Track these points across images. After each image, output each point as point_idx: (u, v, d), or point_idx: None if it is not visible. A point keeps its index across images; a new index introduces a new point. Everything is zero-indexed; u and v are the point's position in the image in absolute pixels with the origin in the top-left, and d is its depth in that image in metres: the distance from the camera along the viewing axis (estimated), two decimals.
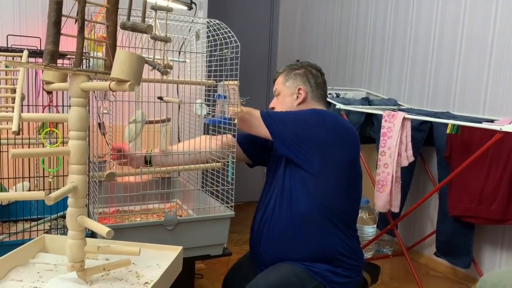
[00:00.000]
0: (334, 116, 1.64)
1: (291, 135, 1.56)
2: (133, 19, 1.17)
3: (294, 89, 1.73)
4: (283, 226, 1.60)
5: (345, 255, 1.57)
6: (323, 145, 1.54)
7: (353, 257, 1.59)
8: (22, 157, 1.67)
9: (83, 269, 1.04)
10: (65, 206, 1.03)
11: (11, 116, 1.11)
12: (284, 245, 1.59)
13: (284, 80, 1.76)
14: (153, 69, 1.27)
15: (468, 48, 2.66)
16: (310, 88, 1.73)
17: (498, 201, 2.28)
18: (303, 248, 1.57)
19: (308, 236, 1.57)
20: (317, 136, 1.54)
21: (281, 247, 1.60)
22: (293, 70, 1.76)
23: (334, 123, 1.58)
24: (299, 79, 1.73)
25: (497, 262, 2.54)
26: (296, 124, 1.57)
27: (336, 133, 1.57)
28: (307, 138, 1.55)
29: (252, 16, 4.14)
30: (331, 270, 1.54)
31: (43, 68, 0.95)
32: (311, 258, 1.55)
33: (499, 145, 2.18)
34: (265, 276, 1.51)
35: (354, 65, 3.59)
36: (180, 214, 1.94)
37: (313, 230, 1.56)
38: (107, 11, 1.05)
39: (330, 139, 1.55)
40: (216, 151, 1.81)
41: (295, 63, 1.80)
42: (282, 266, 1.55)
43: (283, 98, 1.76)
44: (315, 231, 1.56)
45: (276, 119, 1.60)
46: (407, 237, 3.03)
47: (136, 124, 1.68)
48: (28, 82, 1.79)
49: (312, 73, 1.75)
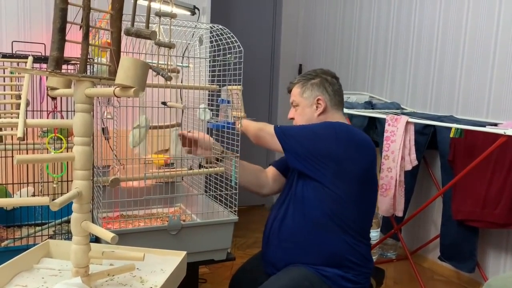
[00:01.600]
0: (347, 129, 1.63)
1: (304, 150, 1.58)
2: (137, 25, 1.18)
3: (312, 99, 1.72)
4: (294, 230, 1.62)
5: (355, 262, 1.58)
6: (335, 158, 1.55)
7: (363, 264, 1.60)
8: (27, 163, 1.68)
9: (88, 275, 1.05)
10: (69, 211, 1.04)
11: (16, 122, 1.11)
12: (295, 249, 1.61)
13: (301, 92, 1.74)
14: (157, 75, 1.27)
15: (471, 52, 2.66)
16: (328, 97, 1.72)
17: (502, 205, 2.27)
18: (313, 252, 1.58)
19: (319, 241, 1.58)
20: (330, 150, 1.56)
21: (292, 250, 1.61)
22: (309, 80, 1.74)
23: (346, 136, 1.59)
24: (317, 89, 1.72)
25: (501, 266, 2.53)
26: (308, 139, 1.59)
27: (348, 146, 1.57)
28: (319, 153, 1.56)
29: (254, 21, 4.16)
30: (342, 275, 1.55)
31: (48, 74, 0.95)
32: (322, 263, 1.56)
33: (502, 148, 2.17)
34: (278, 279, 1.52)
35: (357, 68, 3.59)
36: (183, 219, 1.94)
37: (324, 235, 1.58)
38: (111, 17, 1.05)
39: (342, 152, 1.55)
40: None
41: (309, 72, 1.77)
42: (293, 269, 1.55)
43: (303, 109, 1.74)
44: (326, 237, 1.57)
45: (289, 135, 1.62)
46: (411, 241, 3.02)
47: (140, 129, 1.68)
48: (32, 88, 1.80)
49: (328, 80, 1.73)
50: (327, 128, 1.61)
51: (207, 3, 2.77)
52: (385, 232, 2.85)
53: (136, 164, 1.76)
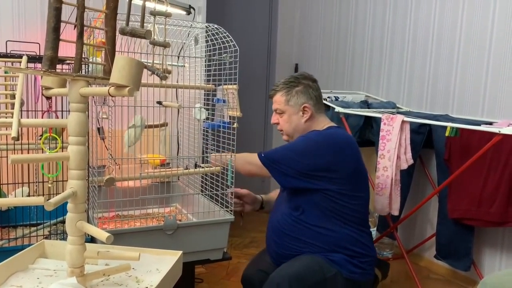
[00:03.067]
0: (325, 136, 1.70)
1: (294, 172, 1.65)
2: (132, 24, 1.18)
3: (299, 107, 1.75)
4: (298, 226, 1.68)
5: (359, 251, 1.67)
6: (325, 167, 1.63)
7: (366, 252, 1.69)
8: (22, 163, 1.67)
9: (83, 275, 1.04)
10: (65, 212, 1.03)
11: (11, 121, 1.11)
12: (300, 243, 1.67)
13: (286, 99, 1.76)
14: (152, 74, 1.27)
15: (467, 51, 2.67)
16: (313, 102, 1.76)
17: (498, 203, 2.28)
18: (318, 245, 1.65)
19: (323, 234, 1.65)
20: (317, 162, 1.63)
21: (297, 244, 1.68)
22: (293, 88, 1.76)
23: (328, 143, 1.67)
24: (302, 96, 1.75)
25: (497, 264, 2.54)
26: (295, 160, 1.65)
27: (333, 152, 1.65)
28: (309, 168, 1.64)
29: (250, 20, 4.15)
30: (348, 260, 1.64)
31: (43, 74, 0.95)
32: (328, 251, 1.64)
33: (498, 147, 2.18)
34: (289, 265, 1.60)
35: (352, 68, 3.60)
36: (179, 219, 1.94)
37: (327, 229, 1.66)
38: (106, 16, 1.05)
39: (329, 159, 1.64)
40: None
41: (290, 79, 1.79)
42: (303, 256, 1.64)
43: (289, 117, 1.77)
44: (329, 230, 1.65)
45: (276, 161, 1.67)
46: (407, 240, 3.03)
47: (136, 129, 1.68)
48: (27, 87, 1.80)
49: (311, 86, 1.77)
50: (308, 143, 1.67)
51: (203, 2, 2.77)
52: (381, 231, 2.85)
53: (132, 164, 1.76)
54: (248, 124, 3.75)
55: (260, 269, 1.79)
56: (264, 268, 1.77)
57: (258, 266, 1.82)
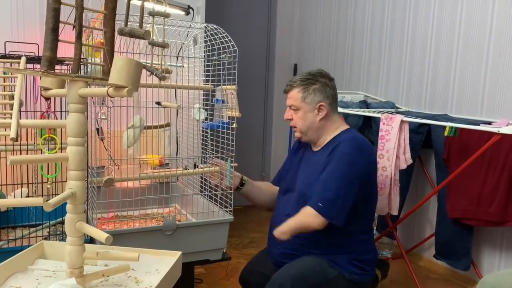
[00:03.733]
0: (362, 149, 1.68)
1: (352, 202, 1.61)
2: (130, 24, 1.18)
3: (314, 105, 1.71)
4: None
5: (361, 253, 1.68)
6: (366, 180, 1.68)
7: (368, 253, 1.71)
8: (21, 164, 1.67)
9: (82, 275, 1.04)
10: (64, 212, 1.03)
11: (9, 122, 1.11)
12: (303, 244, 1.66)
13: (303, 96, 1.71)
14: (151, 75, 1.27)
15: (465, 50, 2.67)
16: (329, 101, 1.73)
17: (497, 203, 2.28)
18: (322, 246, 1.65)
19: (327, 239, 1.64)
20: (363, 181, 1.65)
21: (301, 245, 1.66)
22: (310, 85, 1.71)
23: (363, 159, 1.66)
24: (319, 95, 1.71)
25: (496, 264, 2.54)
26: (349, 191, 1.61)
27: (368, 163, 1.69)
28: (359, 191, 1.63)
29: (249, 21, 4.15)
30: (350, 261, 1.64)
31: (41, 74, 0.95)
32: (330, 253, 1.64)
33: (496, 147, 2.18)
34: (292, 266, 1.59)
35: (351, 68, 3.60)
36: (179, 219, 1.93)
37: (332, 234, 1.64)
38: (105, 17, 1.05)
39: (368, 171, 1.69)
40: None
41: (307, 75, 1.74)
42: (306, 258, 1.63)
43: (304, 114, 1.72)
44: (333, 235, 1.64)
45: (332, 201, 1.58)
46: (406, 240, 3.03)
47: (135, 130, 1.68)
48: (26, 88, 1.79)
49: (328, 85, 1.74)
50: (352, 167, 1.62)
51: (202, 2, 2.77)
52: (380, 231, 2.85)
53: (131, 164, 1.76)
54: (247, 125, 3.75)
55: (259, 270, 1.79)
56: (262, 269, 1.77)
57: (256, 267, 1.82)
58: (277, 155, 4.34)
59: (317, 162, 1.70)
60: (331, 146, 1.69)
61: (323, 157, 1.68)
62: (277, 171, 2.02)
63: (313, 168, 1.70)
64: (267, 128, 4.36)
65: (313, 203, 1.58)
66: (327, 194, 1.58)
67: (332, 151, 1.65)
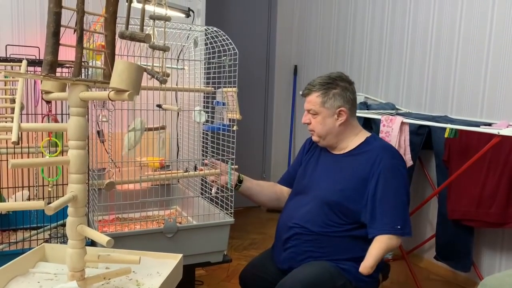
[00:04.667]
0: (400, 157, 1.72)
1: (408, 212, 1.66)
2: (131, 28, 1.18)
3: (334, 110, 1.67)
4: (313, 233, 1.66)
5: None
6: None
7: None
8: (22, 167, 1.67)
9: (84, 278, 1.04)
10: (65, 215, 1.04)
11: (11, 126, 1.11)
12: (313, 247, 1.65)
13: (322, 101, 1.67)
14: (152, 78, 1.28)
15: (465, 52, 2.68)
16: (349, 106, 1.70)
17: (497, 204, 2.28)
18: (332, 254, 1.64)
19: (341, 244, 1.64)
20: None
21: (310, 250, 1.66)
22: (330, 90, 1.67)
23: (404, 163, 1.72)
24: (339, 99, 1.67)
25: (497, 265, 2.54)
26: (408, 196, 1.66)
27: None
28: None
29: (249, 23, 4.16)
30: (357, 267, 1.61)
31: (42, 78, 0.95)
32: (338, 259, 1.63)
33: (497, 148, 2.18)
34: (300, 272, 1.57)
35: (351, 69, 3.60)
36: (179, 221, 1.94)
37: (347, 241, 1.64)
38: (106, 20, 1.05)
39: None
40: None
41: (326, 79, 1.70)
42: (314, 263, 1.61)
43: (323, 119, 1.69)
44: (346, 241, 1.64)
45: (406, 219, 1.62)
46: (407, 241, 3.03)
47: (135, 132, 1.68)
48: (27, 91, 1.80)
49: (348, 89, 1.70)
50: (405, 181, 1.66)
51: (202, 5, 2.77)
52: None
53: (132, 167, 1.76)
54: (247, 127, 3.76)
55: (259, 275, 1.77)
56: (263, 274, 1.75)
57: (256, 271, 1.80)
58: (278, 157, 4.34)
59: (349, 169, 1.68)
60: (367, 154, 1.67)
61: (359, 165, 1.66)
62: (286, 171, 1.99)
63: (345, 176, 1.68)
64: (268, 130, 4.37)
65: (392, 228, 1.58)
66: (400, 215, 1.60)
67: (377, 163, 1.63)
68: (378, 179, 1.61)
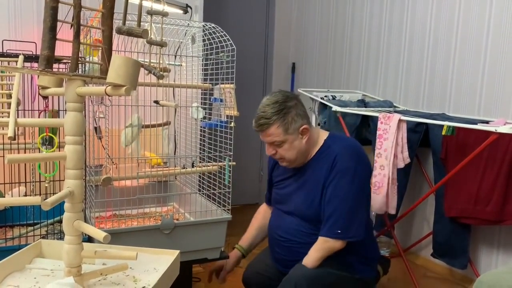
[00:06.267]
0: (361, 156, 1.68)
1: (367, 213, 1.70)
2: (128, 23, 1.18)
3: (298, 131, 1.63)
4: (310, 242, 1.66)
5: (369, 252, 1.74)
6: (368, 182, 1.74)
7: (374, 251, 1.79)
8: (18, 163, 1.67)
9: (80, 274, 1.04)
10: (62, 211, 1.03)
11: (7, 121, 1.10)
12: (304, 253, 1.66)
13: (284, 129, 1.62)
14: (149, 73, 1.27)
15: (463, 50, 2.68)
16: (307, 120, 1.67)
17: (494, 202, 2.28)
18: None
19: None
20: (366, 186, 1.70)
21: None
22: (287, 115, 1.61)
23: (367, 168, 1.70)
24: (297, 119, 1.63)
25: (493, 263, 2.54)
26: (361, 206, 1.64)
27: (367, 165, 1.70)
28: (366, 196, 1.70)
29: (247, 20, 4.15)
30: (360, 261, 1.68)
31: (39, 73, 0.95)
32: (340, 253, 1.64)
33: (494, 146, 2.19)
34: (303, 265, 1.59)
35: (349, 67, 3.60)
36: (177, 218, 1.94)
37: None
38: (103, 15, 1.05)
39: (368, 176, 1.73)
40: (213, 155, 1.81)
41: (278, 106, 1.63)
42: None
43: (291, 144, 1.64)
44: None
45: (351, 225, 1.59)
46: (404, 239, 3.04)
47: (132, 128, 1.68)
48: (23, 87, 1.79)
49: (298, 104, 1.66)
50: (358, 181, 1.62)
51: (200, 1, 2.76)
52: (378, 230, 2.86)
53: (129, 163, 1.76)
54: (245, 123, 3.74)
55: (259, 272, 1.79)
56: (263, 271, 1.78)
57: (256, 269, 1.83)
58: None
59: (312, 177, 1.67)
60: (325, 159, 1.65)
61: (319, 171, 1.65)
62: (267, 189, 1.95)
63: (311, 186, 1.67)
64: None
65: (330, 232, 1.58)
66: (341, 220, 1.58)
67: (332, 167, 1.61)
68: (331, 183, 1.61)
